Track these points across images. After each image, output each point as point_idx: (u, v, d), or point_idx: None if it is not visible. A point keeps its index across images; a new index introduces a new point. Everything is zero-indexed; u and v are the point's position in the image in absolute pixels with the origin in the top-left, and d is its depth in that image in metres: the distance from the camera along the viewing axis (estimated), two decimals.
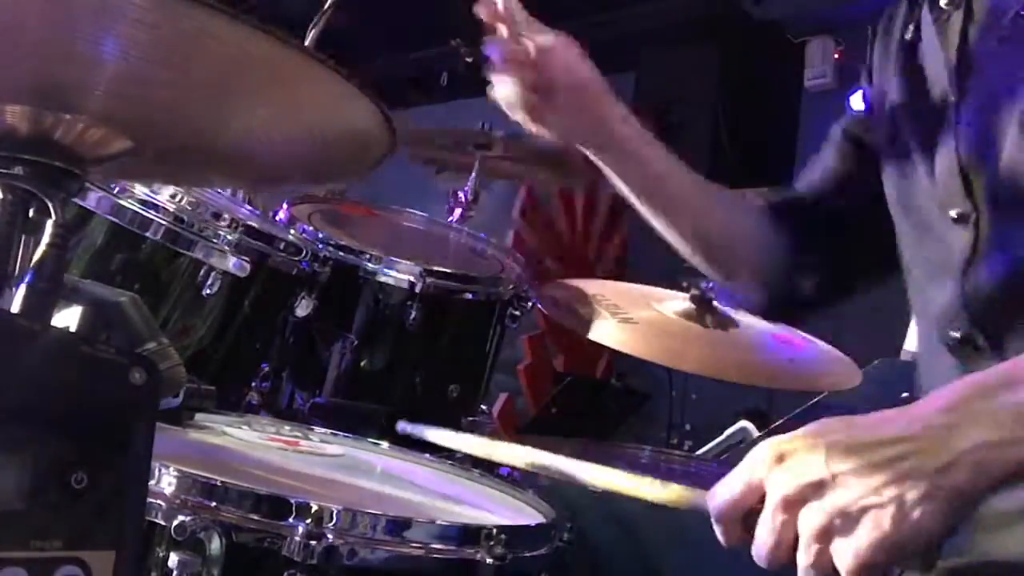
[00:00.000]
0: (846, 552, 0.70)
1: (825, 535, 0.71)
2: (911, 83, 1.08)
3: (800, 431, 0.77)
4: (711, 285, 1.89)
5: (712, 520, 0.78)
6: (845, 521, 0.71)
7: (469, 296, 2.00)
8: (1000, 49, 0.94)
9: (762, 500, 0.75)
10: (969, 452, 0.70)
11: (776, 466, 0.74)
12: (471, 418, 2.01)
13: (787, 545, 0.73)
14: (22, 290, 0.75)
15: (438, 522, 1.06)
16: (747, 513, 0.76)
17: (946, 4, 1.02)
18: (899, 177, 1.09)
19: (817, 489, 0.72)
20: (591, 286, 1.98)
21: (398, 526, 1.02)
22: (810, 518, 0.72)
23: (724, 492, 0.77)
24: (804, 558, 0.73)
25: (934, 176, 1.01)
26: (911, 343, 2.27)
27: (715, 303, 1.88)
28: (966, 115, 0.97)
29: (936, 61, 1.03)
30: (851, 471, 0.71)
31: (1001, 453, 0.70)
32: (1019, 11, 0.92)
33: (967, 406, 0.72)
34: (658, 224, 1.35)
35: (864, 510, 0.70)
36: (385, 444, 1.50)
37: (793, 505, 0.73)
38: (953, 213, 0.98)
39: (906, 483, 0.70)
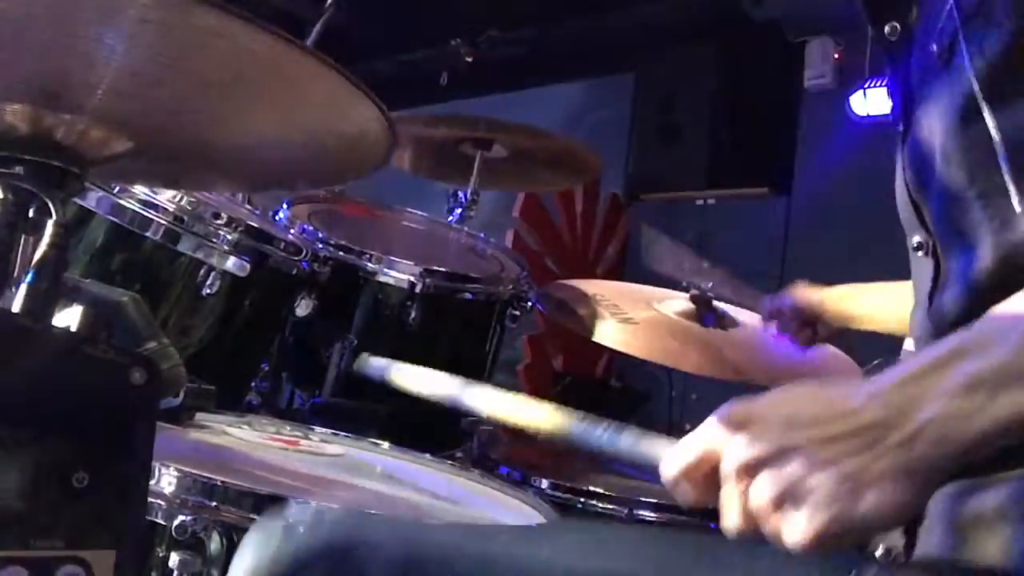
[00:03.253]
0: (796, 525, 0.69)
1: (776, 506, 0.70)
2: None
3: (763, 398, 0.75)
4: (711, 285, 1.90)
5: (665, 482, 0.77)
6: (798, 493, 0.69)
7: (469, 296, 2.00)
8: (929, 82, 0.92)
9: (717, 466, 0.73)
10: (929, 424, 0.69)
11: (734, 432, 0.73)
12: (471, 418, 2.01)
13: (750, 515, 0.72)
14: (23, 290, 0.75)
15: (438, 522, 1.06)
16: (705, 476, 0.75)
17: (889, 33, 1.01)
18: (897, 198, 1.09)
19: (772, 459, 0.70)
20: (591, 286, 1.98)
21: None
22: (762, 488, 0.70)
23: (681, 457, 0.76)
24: (763, 529, 0.71)
25: (899, 202, 1.02)
26: (911, 343, 2.27)
27: (715, 303, 1.88)
28: (910, 144, 0.96)
29: (892, 85, 1.03)
30: (808, 442, 0.70)
31: (960, 424, 0.69)
32: (937, 48, 0.91)
33: (923, 379, 0.71)
34: None
35: (818, 483, 0.69)
36: (385, 444, 1.50)
37: (748, 474, 0.71)
38: (914, 241, 0.97)
39: (865, 457, 0.69)
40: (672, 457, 0.77)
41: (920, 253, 0.97)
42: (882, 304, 1.52)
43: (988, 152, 0.84)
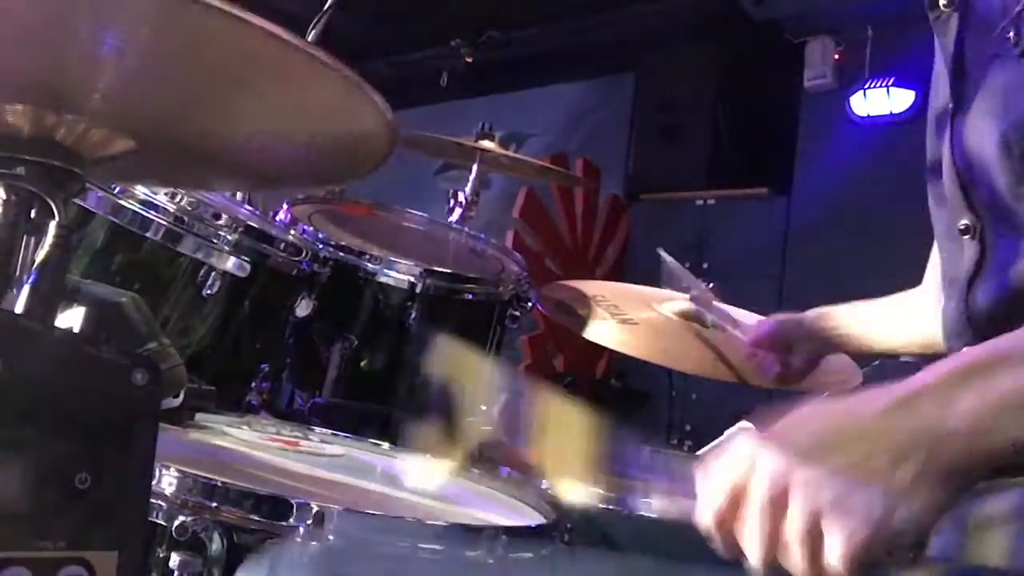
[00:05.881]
0: (836, 549, 0.69)
1: (812, 535, 0.70)
2: (934, 84, 1.06)
3: (779, 425, 0.75)
4: (711, 286, 1.90)
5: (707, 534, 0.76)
6: (833, 518, 0.69)
7: (469, 296, 2.00)
8: (991, 65, 0.91)
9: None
10: (956, 435, 0.69)
11: (757, 466, 0.72)
12: (471, 419, 2.01)
13: (777, 547, 0.71)
14: (25, 291, 0.76)
15: (438, 522, 1.06)
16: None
17: (944, 4, 0.99)
18: (930, 183, 1.05)
19: (800, 489, 0.70)
20: (591, 287, 1.98)
21: (398, 527, 1.02)
22: (796, 520, 0.70)
23: (711, 505, 0.75)
24: (797, 560, 0.71)
25: (944, 185, 0.99)
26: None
27: (715, 304, 1.88)
28: (960, 125, 0.94)
29: (940, 62, 1.01)
30: (836, 467, 0.69)
31: (989, 438, 0.69)
32: (1003, 30, 0.88)
33: (948, 392, 0.70)
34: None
35: (853, 506, 0.69)
36: (385, 444, 1.50)
37: (778, 507, 0.71)
38: (960, 224, 0.95)
39: (895, 472, 0.69)
40: (705, 511, 0.75)
41: (966, 237, 0.95)
42: (859, 322, 1.47)
43: None
